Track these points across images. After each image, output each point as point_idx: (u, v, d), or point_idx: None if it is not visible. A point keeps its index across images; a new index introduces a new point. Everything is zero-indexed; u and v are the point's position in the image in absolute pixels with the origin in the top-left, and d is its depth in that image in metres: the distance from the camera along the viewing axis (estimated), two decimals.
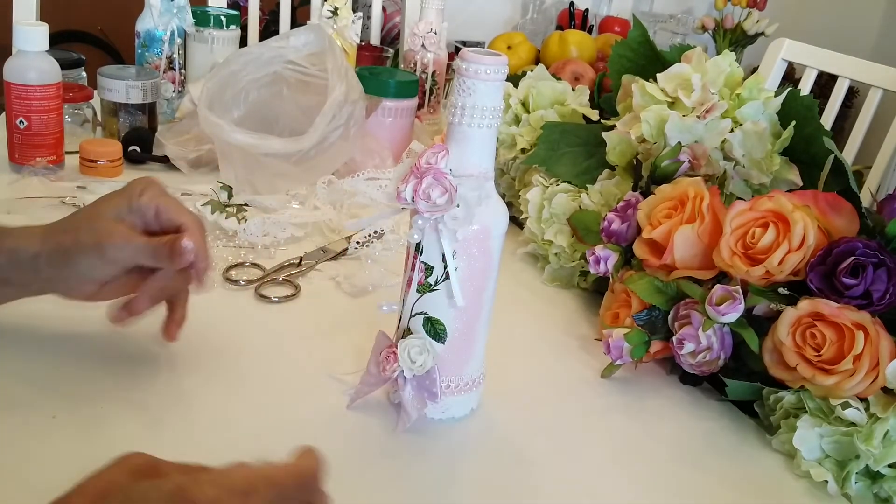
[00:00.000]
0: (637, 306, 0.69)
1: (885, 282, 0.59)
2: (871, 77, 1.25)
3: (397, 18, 1.91)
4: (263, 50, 1.02)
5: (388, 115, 1.08)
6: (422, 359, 0.56)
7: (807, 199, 0.65)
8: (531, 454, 0.59)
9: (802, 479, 0.60)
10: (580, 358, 0.72)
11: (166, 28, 1.11)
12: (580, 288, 0.85)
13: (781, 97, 0.79)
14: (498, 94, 0.53)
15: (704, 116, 0.76)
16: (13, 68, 0.90)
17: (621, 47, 0.93)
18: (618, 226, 0.73)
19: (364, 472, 0.54)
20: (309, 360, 0.65)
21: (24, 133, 0.92)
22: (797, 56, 1.34)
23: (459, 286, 0.55)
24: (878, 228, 0.64)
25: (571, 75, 1.25)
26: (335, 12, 1.18)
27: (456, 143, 0.53)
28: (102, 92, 1.04)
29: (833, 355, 0.59)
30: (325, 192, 0.93)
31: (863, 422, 0.58)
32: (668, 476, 0.58)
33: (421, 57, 1.24)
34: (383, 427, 0.58)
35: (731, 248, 0.64)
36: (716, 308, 0.62)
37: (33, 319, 0.63)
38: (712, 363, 0.65)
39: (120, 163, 0.98)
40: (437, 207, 0.52)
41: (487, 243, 0.55)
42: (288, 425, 0.57)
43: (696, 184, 0.69)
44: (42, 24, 0.91)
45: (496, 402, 0.63)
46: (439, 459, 0.56)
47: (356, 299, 0.77)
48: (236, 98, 1.00)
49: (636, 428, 0.63)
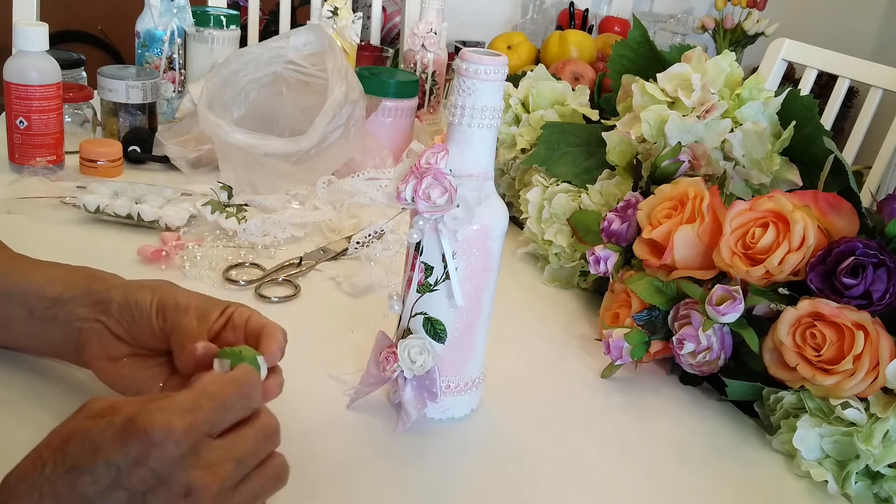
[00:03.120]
0: (637, 306, 0.69)
1: (885, 282, 0.59)
2: (871, 77, 1.25)
3: (397, 18, 1.91)
4: (263, 50, 1.02)
5: (388, 115, 1.08)
6: (422, 359, 0.56)
7: (807, 199, 0.65)
8: (531, 454, 0.59)
9: (802, 479, 0.60)
10: (580, 358, 0.72)
11: (166, 28, 1.11)
12: (580, 288, 0.85)
13: (781, 97, 0.79)
14: (498, 94, 0.53)
15: (704, 116, 0.76)
16: (13, 68, 0.90)
17: (621, 47, 0.93)
18: (618, 226, 0.73)
19: (364, 472, 0.54)
20: (309, 359, 0.65)
21: (24, 133, 0.92)
22: (797, 56, 1.34)
23: (459, 286, 0.55)
24: (878, 228, 0.64)
25: (571, 75, 1.25)
26: (335, 12, 1.18)
27: (456, 143, 0.53)
28: (102, 92, 1.04)
29: (833, 355, 0.59)
30: (325, 192, 0.93)
31: (863, 422, 0.58)
32: (668, 476, 0.58)
33: (421, 57, 1.24)
34: (383, 427, 0.58)
35: (731, 248, 0.64)
36: (716, 308, 0.62)
37: None
38: (712, 363, 0.65)
39: (120, 163, 0.98)
40: (437, 207, 0.52)
41: (487, 243, 0.55)
42: (288, 425, 0.57)
43: (696, 184, 0.69)
44: (42, 24, 0.91)
45: (496, 402, 0.63)
46: (439, 459, 0.56)
47: (356, 299, 0.77)
48: (236, 98, 1.00)
49: (636, 428, 0.63)
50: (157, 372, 0.53)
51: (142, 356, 0.54)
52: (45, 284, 0.55)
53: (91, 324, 0.53)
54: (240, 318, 0.52)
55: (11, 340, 0.58)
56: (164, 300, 0.52)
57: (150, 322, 0.52)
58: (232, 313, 0.52)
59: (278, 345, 0.50)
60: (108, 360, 0.53)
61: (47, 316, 0.54)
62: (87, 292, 0.54)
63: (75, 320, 0.53)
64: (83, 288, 0.54)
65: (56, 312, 0.54)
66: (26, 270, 0.56)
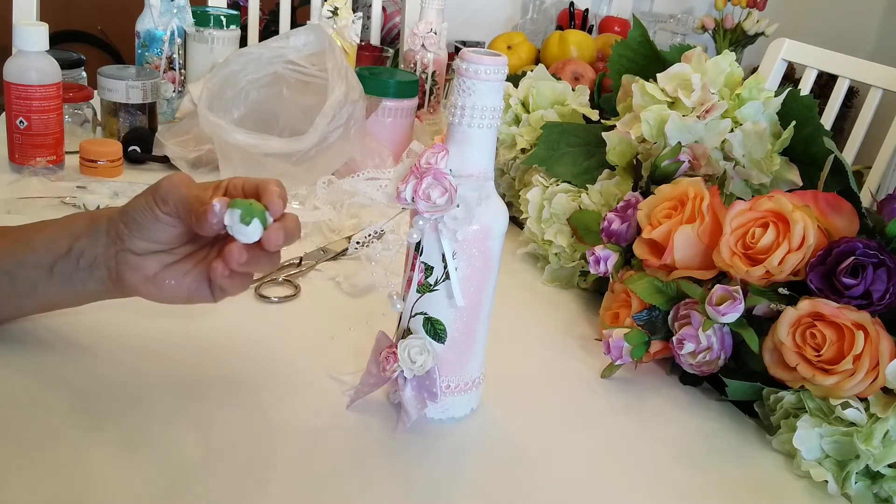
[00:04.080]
0: (637, 306, 0.69)
1: (885, 282, 0.59)
2: (871, 77, 1.25)
3: (397, 18, 1.91)
4: (263, 50, 1.02)
5: (388, 115, 1.08)
6: (422, 359, 0.56)
7: (807, 199, 0.65)
8: (531, 454, 0.59)
9: (802, 479, 0.60)
10: (580, 358, 0.72)
11: (166, 28, 1.11)
12: (580, 288, 0.85)
13: (781, 97, 0.79)
14: (498, 94, 0.53)
15: (704, 116, 0.76)
16: (13, 68, 0.90)
17: (621, 47, 0.93)
18: (618, 226, 0.73)
19: (364, 472, 0.54)
20: (309, 359, 0.65)
21: (24, 133, 0.92)
22: (797, 56, 1.34)
23: (459, 286, 0.55)
24: (878, 228, 0.64)
25: (571, 75, 1.25)
26: (335, 12, 1.18)
27: (456, 143, 0.53)
28: (102, 92, 1.04)
29: (833, 355, 0.59)
30: (325, 192, 0.93)
31: (863, 422, 0.58)
32: (668, 476, 0.58)
33: (421, 57, 1.24)
34: (383, 427, 0.58)
35: (731, 248, 0.64)
36: (716, 308, 0.62)
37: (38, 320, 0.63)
38: (712, 363, 0.65)
39: (120, 163, 0.98)
40: (437, 207, 0.52)
41: (487, 243, 0.55)
42: (288, 425, 0.57)
43: (696, 184, 0.69)
44: (42, 24, 0.91)
45: (496, 402, 0.63)
46: (439, 459, 0.56)
47: (356, 299, 0.77)
48: (236, 98, 1.00)
49: (636, 428, 0.63)
50: (197, 272, 0.56)
51: (175, 263, 0.56)
52: (52, 242, 0.56)
53: (114, 256, 0.55)
54: (234, 186, 0.54)
55: (44, 304, 0.60)
56: (156, 190, 0.54)
57: (155, 215, 0.54)
58: (227, 185, 0.55)
59: (277, 194, 0.52)
60: (148, 280, 0.55)
61: (68, 270, 0.56)
62: (94, 233, 0.56)
63: (98, 261, 0.55)
64: (88, 231, 0.56)
65: (76, 263, 0.56)
66: (27, 239, 0.57)
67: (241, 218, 0.50)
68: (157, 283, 0.56)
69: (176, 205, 0.53)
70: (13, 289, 0.57)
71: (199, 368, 0.62)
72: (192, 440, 0.54)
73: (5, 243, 0.58)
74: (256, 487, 0.51)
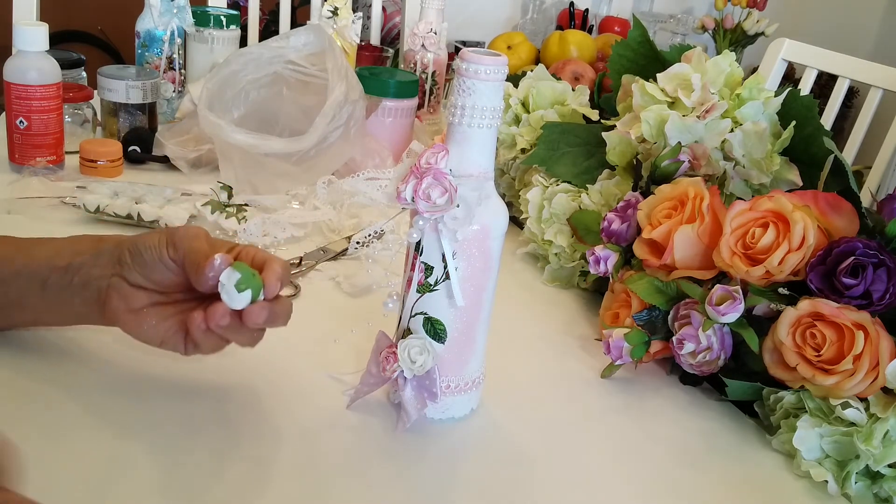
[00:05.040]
0: (637, 306, 0.69)
1: (885, 282, 0.59)
2: (871, 77, 1.25)
3: (397, 18, 1.91)
4: (263, 50, 1.02)
5: (388, 115, 1.08)
6: (422, 359, 0.56)
7: (807, 199, 0.65)
8: (531, 454, 0.59)
9: (802, 479, 0.60)
10: (580, 358, 0.72)
11: (166, 28, 1.11)
12: (580, 288, 0.85)
13: (781, 97, 0.79)
14: (498, 94, 0.53)
15: (704, 116, 0.76)
16: (13, 68, 0.90)
17: (621, 47, 0.93)
18: (618, 226, 0.73)
19: (364, 472, 0.54)
20: (309, 359, 0.65)
21: (24, 133, 0.92)
22: (797, 56, 1.34)
23: (459, 286, 0.55)
24: (878, 228, 0.64)
25: (571, 75, 1.25)
26: (335, 12, 1.18)
27: (456, 143, 0.53)
28: (102, 92, 1.04)
29: (833, 355, 0.59)
30: (325, 192, 0.93)
31: (863, 422, 0.58)
32: (668, 476, 0.58)
33: (421, 57, 1.24)
34: (383, 427, 0.58)
35: (731, 248, 0.64)
36: (716, 308, 0.62)
37: None
38: (712, 363, 0.65)
39: (120, 163, 0.98)
40: (437, 207, 0.52)
41: (487, 243, 0.55)
42: (288, 425, 0.57)
43: (696, 184, 0.69)
44: (42, 24, 0.91)
45: (496, 402, 0.63)
46: (439, 459, 0.56)
47: (356, 299, 0.77)
48: (236, 98, 1.00)
49: (636, 428, 0.63)
50: (179, 320, 0.55)
51: (163, 304, 0.56)
52: (54, 257, 0.56)
53: (108, 280, 0.55)
54: (246, 253, 0.55)
55: (30, 318, 0.59)
56: (172, 234, 0.55)
57: (161, 256, 0.54)
58: (240, 251, 0.55)
59: (276, 276, 0.52)
60: (131, 312, 0.55)
61: (62, 285, 0.56)
62: (97, 253, 0.56)
63: (92, 281, 0.55)
64: (92, 250, 0.56)
65: (70, 279, 0.56)
66: (30, 249, 0.57)
67: (237, 282, 0.50)
68: (138, 318, 0.55)
69: (184, 253, 0.54)
70: (5, 298, 0.57)
71: (198, 368, 0.62)
72: (191, 440, 0.54)
73: (7, 250, 0.58)
74: (257, 487, 0.51)
